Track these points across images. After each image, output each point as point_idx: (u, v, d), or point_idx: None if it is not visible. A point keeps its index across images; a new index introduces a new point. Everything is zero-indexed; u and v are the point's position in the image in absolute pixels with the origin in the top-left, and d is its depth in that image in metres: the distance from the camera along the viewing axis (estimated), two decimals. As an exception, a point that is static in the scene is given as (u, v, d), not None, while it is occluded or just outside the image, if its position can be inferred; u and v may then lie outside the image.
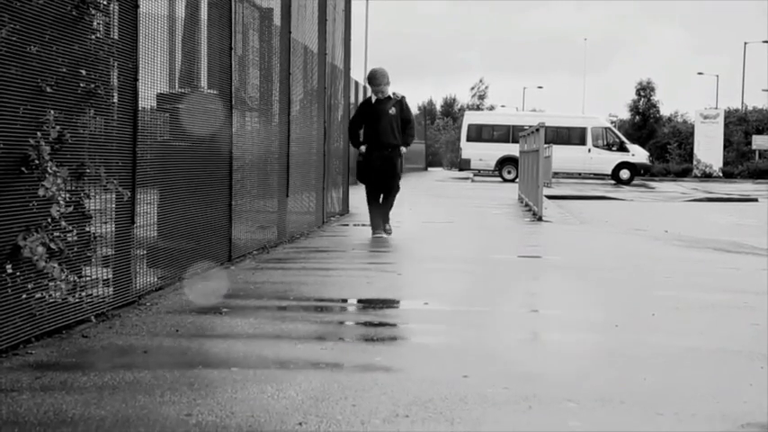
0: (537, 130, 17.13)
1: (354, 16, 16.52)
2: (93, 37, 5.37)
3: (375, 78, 11.54)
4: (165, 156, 6.90)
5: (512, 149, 39.77)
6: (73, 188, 5.17)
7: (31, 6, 4.74)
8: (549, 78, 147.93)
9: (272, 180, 10.35)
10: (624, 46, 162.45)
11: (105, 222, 5.67)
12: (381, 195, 11.74)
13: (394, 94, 11.60)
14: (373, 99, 11.64)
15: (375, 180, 11.66)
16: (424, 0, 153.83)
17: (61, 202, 4.86)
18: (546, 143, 17.84)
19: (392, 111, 11.48)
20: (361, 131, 11.88)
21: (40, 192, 4.72)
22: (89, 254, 5.40)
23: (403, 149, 11.65)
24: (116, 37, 5.78)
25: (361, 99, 33.50)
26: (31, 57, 4.73)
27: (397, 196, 12.08)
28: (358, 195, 17.39)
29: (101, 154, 5.55)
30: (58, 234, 4.92)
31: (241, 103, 8.93)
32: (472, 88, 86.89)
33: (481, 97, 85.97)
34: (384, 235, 11.54)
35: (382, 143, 11.52)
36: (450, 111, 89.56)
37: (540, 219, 15.72)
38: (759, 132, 57.13)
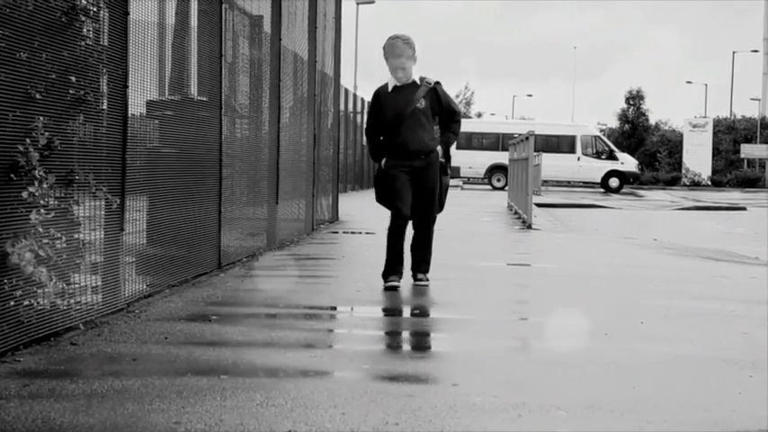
0: (526, 138, 17.17)
1: (345, 23, 16.54)
2: (83, 44, 5.36)
3: (394, 48, 7.71)
4: (154, 163, 6.89)
5: (501, 157, 39.88)
6: (62, 195, 5.15)
7: (20, 13, 4.73)
8: (540, 85, 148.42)
9: (261, 187, 10.34)
10: (618, 53, 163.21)
11: (94, 229, 5.66)
12: (413, 228, 7.93)
13: (423, 79, 7.84)
14: (390, 86, 7.87)
15: (401, 205, 7.74)
16: (418, 4, 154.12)
17: (42, 210, 4.84)
18: (535, 151, 17.87)
19: (421, 103, 7.73)
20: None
21: (24, 195, 4.70)
22: (78, 261, 5.38)
23: (439, 152, 7.86)
24: (106, 44, 5.77)
25: (351, 107, 33.32)
26: (20, 63, 4.72)
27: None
28: (347, 203, 17.40)
29: (90, 161, 5.54)
30: (46, 241, 4.91)
31: (231, 110, 8.92)
32: (457, 95, 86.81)
33: (468, 104, 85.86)
34: (396, 283, 7.66)
35: (409, 151, 7.73)
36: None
37: (529, 227, 15.74)
38: (748, 141, 57.35)
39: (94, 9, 5.44)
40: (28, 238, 4.74)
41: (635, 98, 61.25)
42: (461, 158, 43.71)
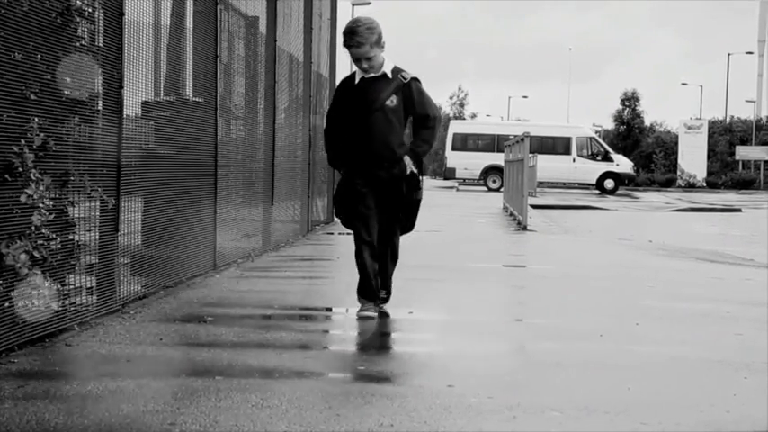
0: (522, 139, 17.17)
1: (340, 24, 16.54)
2: (78, 44, 5.36)
3: (354, 35, 6.31)
4: (149, 164, 6.88)
5: (497, 159, 39.91)
6: (57, 196, 5.15)
7: (15, 13, 4.73)
8: (536, 87, 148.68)
9: (256, 188, 10.34)
10: (615, 54, 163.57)
11: (89, 230, 5.65)
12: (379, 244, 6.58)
13: (397, 72, 6.44)
14: (357, 77, 6.51)
15: (364, 218, 6.48)
16: (414, 5, 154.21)
17: (43, 210, 4.84)
18: (531, 153, 17.87)
19: (392, 101, 6.37)
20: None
21: (22, 198, 4.70)
22: (73, 262, 5.38)
23: (407, 162, 6.40)
24: (101, 45, 5.77)
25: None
26: (15, 64, 4.72)
27: None
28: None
29: (85, 162, 5.53)
30: (41, 242, 4.90)
31: (226, 111, 8.92)
32: (451, 97, 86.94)
33: (462, 105, 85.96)
34: (372, 313, 6.44)
35: (372, 157, 6.39)
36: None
37: (524, 228, 15.75)
38: (743, 143, 57.44)
39: (89, 10, 5.43)
40: (23, 240, 4.74)
41: (630, 99, 61.33)
42: (457, 160, 43.79)
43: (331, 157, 6.71)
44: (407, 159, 6.42)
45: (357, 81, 6.48)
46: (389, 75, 6.43)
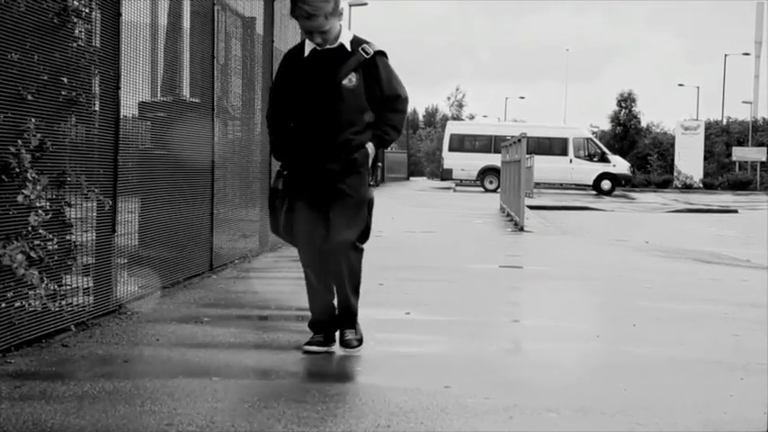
0: (519, 140, 17.18)
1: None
2: (75, 45, 5.35)
3: (302, 1, 4.93)
4: (146, 164, 6.88)
5: (494, 159, 39.83)
6: (54, 196, 5.15)
7: (12, 13, 4.72)
8: (533, 87, 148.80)
9: (253, 188, 10.34)
10: (612, 55, 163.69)
11: (86, 231, 5.65)
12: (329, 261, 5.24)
13: (358, 43, 5.13)
14: (307, 48, 5.14)
15: (306, 245, 5.25)
16: (411, 5, 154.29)
17: (40, 211, 4.84)
18: (528, 153, 17.87)
19: (350, 80, 5.05)
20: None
21: (19, 199, 4.70)
22: (69, 262, 5.37)
23: (370, 149, 5.14)
24: (98, 45, 5.77)
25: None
26: (11, 64, 4.71)
27: (377, 207, 5.66)
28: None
29: (82, 162, 5.53)
30: (38, 243, 4.90)
31: (223, 111, 8.91)
32: (449, 98, 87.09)
33: (459, 106, 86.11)
34: (316, 348, 5.19)
35: (323, 148, 5.09)
36: (432, 120, 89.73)
37: (521, 229, 15.75)
38: (740, 144, 57.49)
39: (86, 10, 5.43)
40: (20, 240, 4.74)
41: (627, 100, 61.33)
42: (454, 160, 43.74)
43: (275, 148, 5.38)
44: (371, 147, 5.15)
45: (307, 53, 5.12)
46: (348, 47, 5.09)
